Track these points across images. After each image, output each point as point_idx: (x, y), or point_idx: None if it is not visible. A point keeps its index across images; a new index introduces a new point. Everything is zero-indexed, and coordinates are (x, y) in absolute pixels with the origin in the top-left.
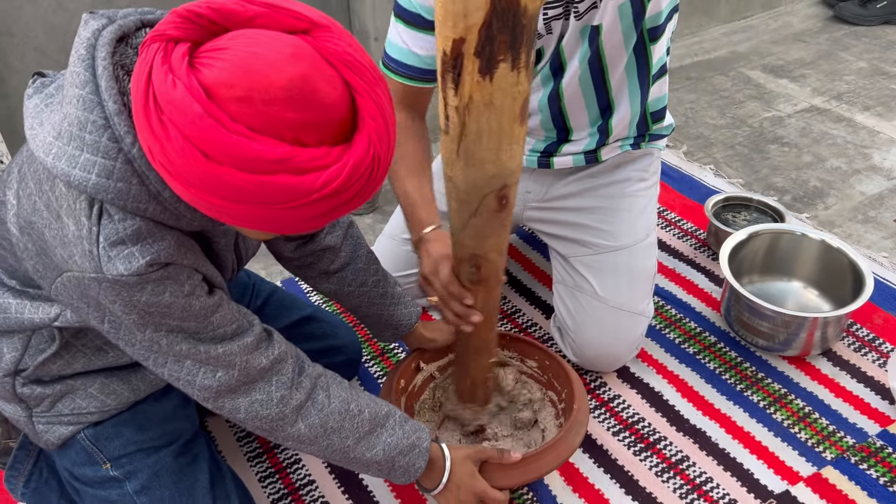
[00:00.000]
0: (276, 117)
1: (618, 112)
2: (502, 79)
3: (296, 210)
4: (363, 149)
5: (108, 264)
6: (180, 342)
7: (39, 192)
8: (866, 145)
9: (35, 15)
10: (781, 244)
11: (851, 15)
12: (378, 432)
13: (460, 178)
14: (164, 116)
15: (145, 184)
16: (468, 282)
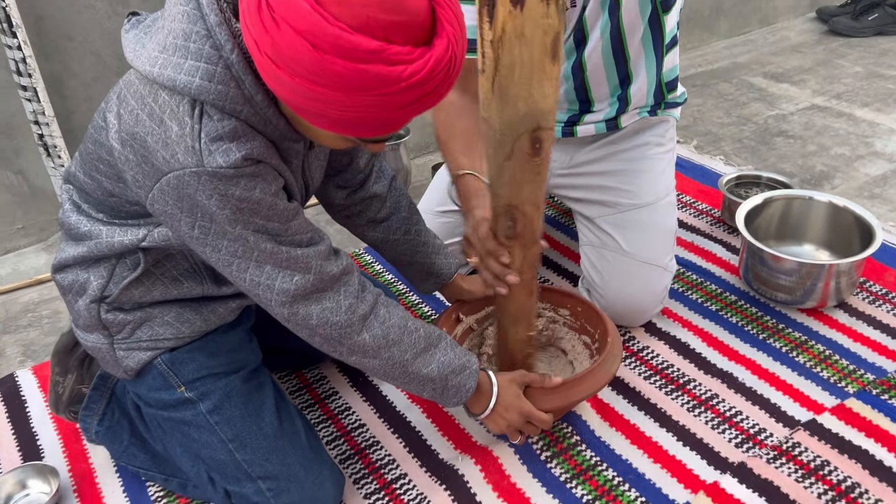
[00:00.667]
0: (371, 17)
1: (636, 82)
2: (532, 9)
3: (385, 98)
4: (443, 48)
5: (208, 157)
6: (265, 241)
7: (142, 105)
8: (867, 135)
9: (92, 21)
10: (793, 209)
11: (845, 27)
12: (432, 351)
13: (495, 118)
14: (275, 14)
15: (241, 88)
16: (505, 237)
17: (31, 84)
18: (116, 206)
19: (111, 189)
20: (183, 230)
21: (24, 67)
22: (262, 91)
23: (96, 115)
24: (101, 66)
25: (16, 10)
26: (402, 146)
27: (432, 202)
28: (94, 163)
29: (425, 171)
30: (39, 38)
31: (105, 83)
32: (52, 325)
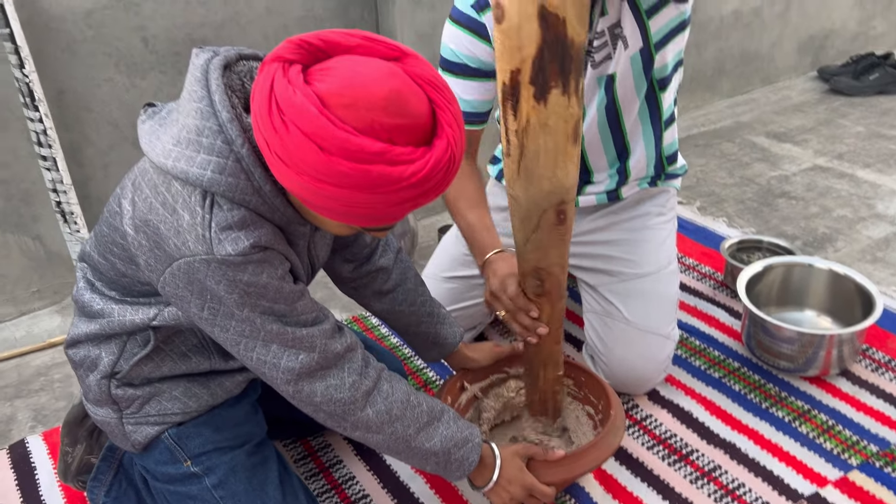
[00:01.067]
0: (375, 121)
1: (634, 154)
2: (555, 103)
3: (387, 195)
4: (442, 149)
5: (218, 246)
6: (271, 322)
7: (155, 193)
8: (869, 196)
9: (111, 93)
10: (794, 276)
11: (846, 87)
12: (435, 424)
13: (521, 196)
14: (285, 117)
15: (251, 179)
16: (533, 294)
17: (51, 154)
18: (129, 285)
19: (124, 270)
20: (192, 312)
21: (44, 139)
22: (271, 182)
23: (111, 199)
24: (117, 134)
25: (38, 85)
26: None
27: (439, 267)
28: (109, 245)
29: (432, 232)
30: (60, 110)
31: (120, 151)
32: (63, 390)
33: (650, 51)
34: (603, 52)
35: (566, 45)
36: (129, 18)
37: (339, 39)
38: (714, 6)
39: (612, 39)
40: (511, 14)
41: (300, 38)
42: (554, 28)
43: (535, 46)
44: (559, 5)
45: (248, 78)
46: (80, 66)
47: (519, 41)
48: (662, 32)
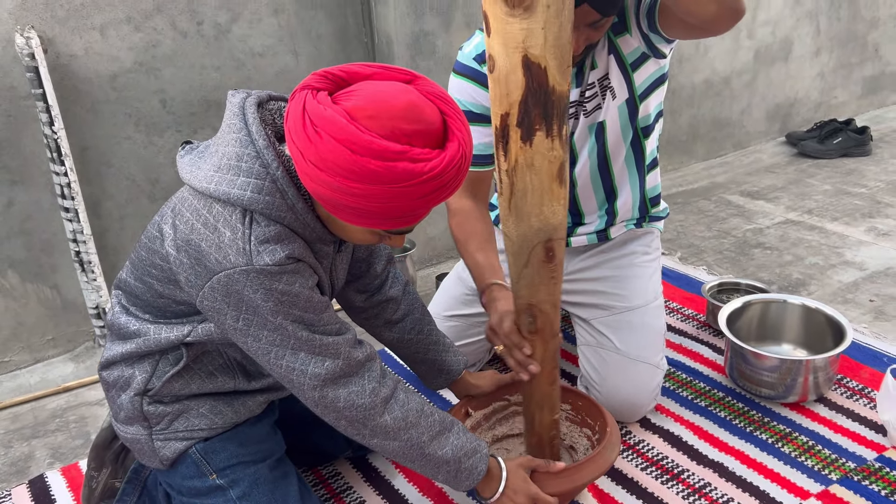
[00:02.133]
0: (396, 127)
1: (621, 196)
2: (539, 144)
3: (410, 188)
4: (455, 149)
5: (257, 257)
6: (301, 329)
7: (196, 216)
8: (838, 246)
9: (131, 150)
10: (770, 312)
11: (813, 150)
12: (447, 434)
13: (512, 232)
14: (317, 128)
15: (285, 198)
16: (527, 332)
17: (74, 206)
18: (164, 306)
19: (161, 291)
20: (228, 323)
21: (68, 191)
22: (303, 200)
23: (150, 227)
24: (134, 189)
25: (65, 141)
26: (409, 258)
27: (440, 307)
28: (147, 268)
29: (429, 282)
30: (83, 165)
31: (137, 205)
32: (79, 429)
33: (635, 101)
34: (594, 102)
35: (548, 93)
36: (149, 82)
37: (358, 69)
38: (686, 76)
39: (601, 90)
40: (500, 64)
41: (324, 70)
42: (537, 77)
43: (520, 93)
44: (540, 55)
45: (277, 115)
46: (103, 124)
47: (507, 88)
48: (645, 84)
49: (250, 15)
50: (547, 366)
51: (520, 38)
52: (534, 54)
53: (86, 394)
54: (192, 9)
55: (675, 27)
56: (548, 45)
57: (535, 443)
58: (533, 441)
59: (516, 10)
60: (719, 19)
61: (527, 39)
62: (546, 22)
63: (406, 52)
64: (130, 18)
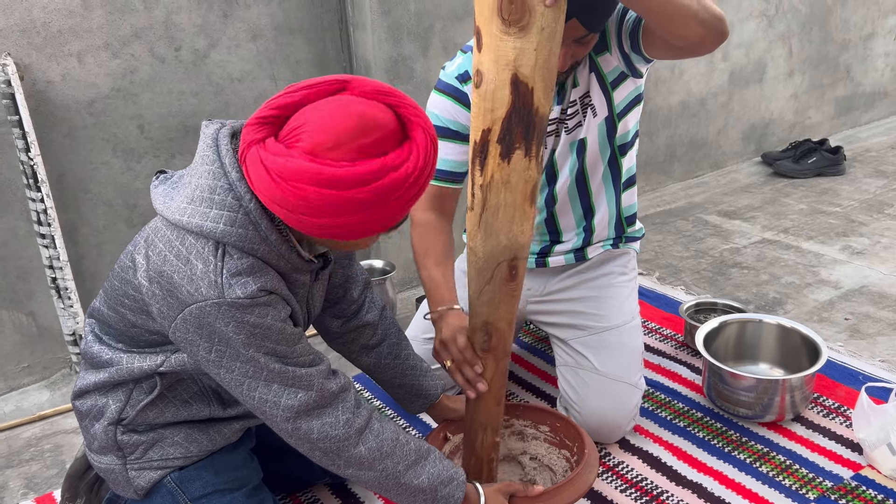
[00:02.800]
0: (360, 145)
1: (598, 213)
2: (517, 162)
3: (402, 193)
4: (421, 136)
5: (228, 290)
6: (274, 362)
7: (169, 247)
8: (814, 265)
9: (108, 175)
10: (747, 332)
11: (788, 170)
12: (423, 463)
13: (479, 248)
14: (289, 182)
15: (258, 230)
16: (480, 349)
17: (50, 232)
18: (137, 336)
19: (134, 321)
20: (200, 355)
21: (44, 217)
22: (276, 231)
23: (123, 256)
24: (112, 215)
25: (42, 168)
26: (388, 281)
27: (419, 329)
28: (120, 298)
29: (409, 304)
30: (60, 191)
31: (114, 230)
32: (54, 459)
33: (614, 119)
34: (575, 120)
35: (532, 113)
36: (127, 107)
37: (286, 101)
38: (663, 98)
39: (582, 108)
40: (488, 79)
41: (255, 117)
42: (524, 96)
43: (505, 109)
44: (530, 76)
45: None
46: (80, 150)
47: (492, 104)
48: (624, 103)
49: (228, 41)
50: (495, 384)
51: (512, 56)
52: (523, 74)
53: (61, 422)
54: (170, 35)
55: (659, 48)
56: (538, 67)
57: (475, 463)
58: (472, 461)
59: (511, 29)
60: (704, 41)
61: (518, 58)
62: (539, 44)
63: (384, 76)
64: (108, 45)
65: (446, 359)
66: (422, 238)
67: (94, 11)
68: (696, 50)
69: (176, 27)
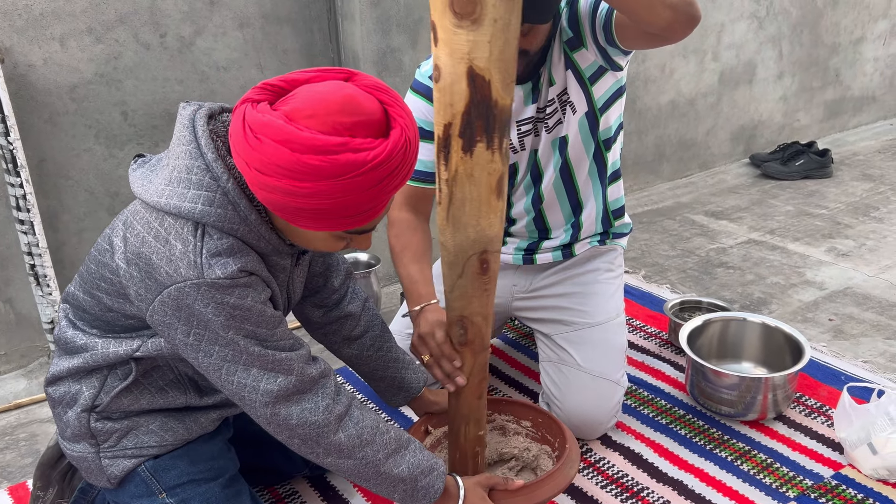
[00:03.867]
0: (336, 121)
1: (586, 208)
2: (480, 156)
3: (356, 179)
4: (398, 136)
5: (208, 270)
6: (253, 345)
7: (148, 229)
8: (799, 266)
9: (90, 162)
10: (730, 330)
11: (776, 172)
12: (403, 452)
13: (449, 242)
14: (257, 134)
15: (237, 210)
16: (457, 343)
17: (29, 218)
18: (113, 320)
19: (110, 304)
20: (178, 339)
21: (23, 203)
22: (255, 211)
23: (100, 240)
24: (93, 202)
25: (21, 153)
26: (374, 274)
27: (402, 325)
28: (96, 281)
29: (394, 299)
30: (40, 177)
31: (95, 218)
32: (29, 448)
33: (595, 114)
34: (555, 118)
35: (490, 105)
36: (110, 93)
37: (296, 76)
38: (652, 97)
39: (561, 105)
40: (445, 74)
41: (264, 82)
42: (481, 89)
43: (464, 103)
44: (485, 68)
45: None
46: (61, 136)
47: (451, 98)
48: (605, 97)
49: (215, 28)
50: (475, 378)
51: (466, 49)
52: (479, 66)
53: (37, 411)
54: (155, 21)
55: (632, 38)
56: (493, 59)
57: (459, 458)
58: (456, 456)
59: (464, 22)
60: (674, 26)
61: (472, 51)
62: (493, 35)
63: (372, 68)
64: (92, 29)
65: (424, 353)
66: (398, 237)
67: None
68: (667, 35)
69: (161, 13)
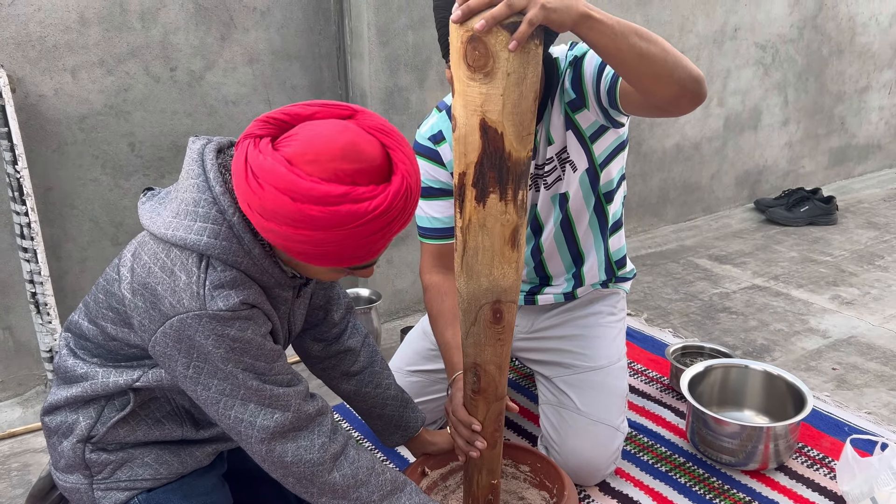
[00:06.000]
0: (338, 168)
1: (587, 261)
2: (492, 206)
3: (357, 229)
4: (399, 182)
5: (210, 302)
6: (252, 379)
7: (154, 260)
8: (803, 313)
9: (95, 192)
10: (732, 377)
11: (781, 217)
12: (398, 495)
13: (463, 289)
14: (259, 179)
15: (241, 244)
16: (471, 391)
17: (32, 246)
18: (115, 349)
19: (114, 333)
20: (178, 370)
21: (28, 231)
22: (259, 245)
23: (109, 269)
24: (97, 231)
25: (28, 181)
26: (374, 310)
27: (403, 361)
28: (102, 310)
29: (394, 335)
30: (45, 205)
31: (98, 247)
32: (21, 478)
33: (596, 169)
34: (553, 175)
35: (504, 157)
36: (119, 125)
37: (299, 110)
38: (657, 140)
39: (560, 164)
40: (460, 124)
41: (266, 115)
42: (493, 141)
43: (476, 154)
44: (498, 121)
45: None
46: (68, 165)
47: (465, 148)
48: (606, 153)
49: (225, 63)
50: (488, 428)
51: (478, 101)
52: (491, 119)
53: (31, 440)
54: (166, 55)
55: (636, 106)
56: (506, 112)
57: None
58: (468, 502)
59: (476, 75)
60: (680, 101)
61: (485, 104)
62: (505, 89)
63: (380, 106)
64: (103, 62)
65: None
66: (431, 302)
67: (91, 28)
68: (671, 109)
69: (173, 47)
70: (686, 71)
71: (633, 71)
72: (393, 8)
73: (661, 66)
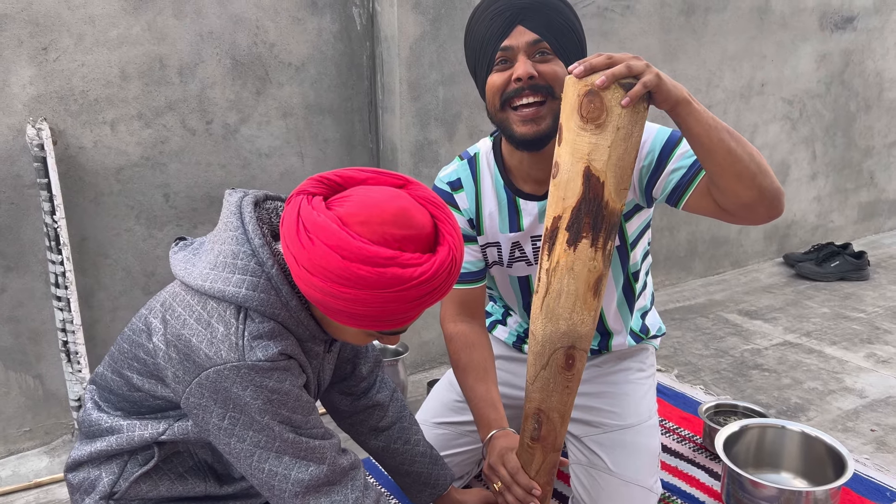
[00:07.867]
0: (387, 233)
1: (616, 337)
2: (583, 251)
3: (400, 293)
4: (445, 253)
5: (249, 353)
6: (288, 431)
7: (189, 311)
8: (837, 371)
9: (129, 242)
10: (768, 438)
11: (811, 272)
12: None
13: (539, 331)
14: (310, 234)
15: (279, 295)
16: (529, 439)
17: (66, 295)
18: (139, 400)
19: (139, 384)
20: (212, 422)
21: (62, 280)
22: (296, 298)
23: (135, 319)
24: (129, 281)
25: (65, 231)
26: (401, 363)
27: (430, 413)
28: (128, 361)
29: (420, 388)
30: (80, 255)
31: (130, 296)
32: None
33: (627, 248)
34: None
35: (601, 205)
36: (154, 176)
37: (353, 174)
38: None
39: None
40: (563, 171)
41: (320, 175)
42: (594, 188)
43: (576, 199)
44: (602, 170)
45: (274, 214)
46: (104, 215)
47: (565, 192)
48: (636, 233)
49: (259, 117)
50: (540, 480)
51: (586, 150)
52: (595, 167)
53: (56, 491)
54: (202, 108)
55: (703, 208)
56: (610, 163)
57: None
58: None
59: (588, 126)
60: (756, 207)
61: (592, 153)
62: (613, 141)
63: (410, 159)
64: (142, 115)
65: (495, 482)
66: (459, 353)
67: (132, 82)
68: (743, 214)
69: (209, 101)
70: (769, 180)
71: (719, 164)
72: (424, 64)
73: (745, 167)
